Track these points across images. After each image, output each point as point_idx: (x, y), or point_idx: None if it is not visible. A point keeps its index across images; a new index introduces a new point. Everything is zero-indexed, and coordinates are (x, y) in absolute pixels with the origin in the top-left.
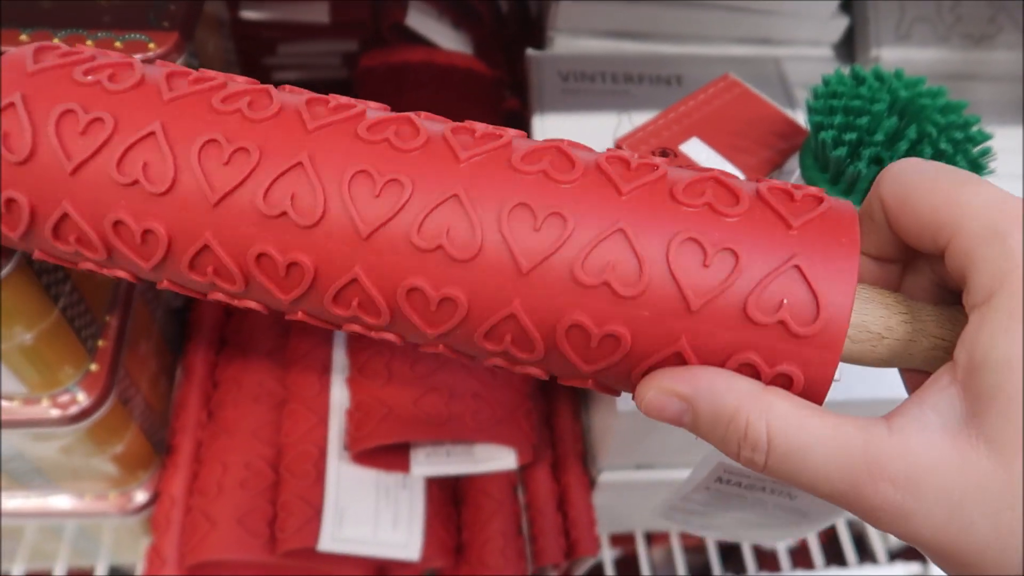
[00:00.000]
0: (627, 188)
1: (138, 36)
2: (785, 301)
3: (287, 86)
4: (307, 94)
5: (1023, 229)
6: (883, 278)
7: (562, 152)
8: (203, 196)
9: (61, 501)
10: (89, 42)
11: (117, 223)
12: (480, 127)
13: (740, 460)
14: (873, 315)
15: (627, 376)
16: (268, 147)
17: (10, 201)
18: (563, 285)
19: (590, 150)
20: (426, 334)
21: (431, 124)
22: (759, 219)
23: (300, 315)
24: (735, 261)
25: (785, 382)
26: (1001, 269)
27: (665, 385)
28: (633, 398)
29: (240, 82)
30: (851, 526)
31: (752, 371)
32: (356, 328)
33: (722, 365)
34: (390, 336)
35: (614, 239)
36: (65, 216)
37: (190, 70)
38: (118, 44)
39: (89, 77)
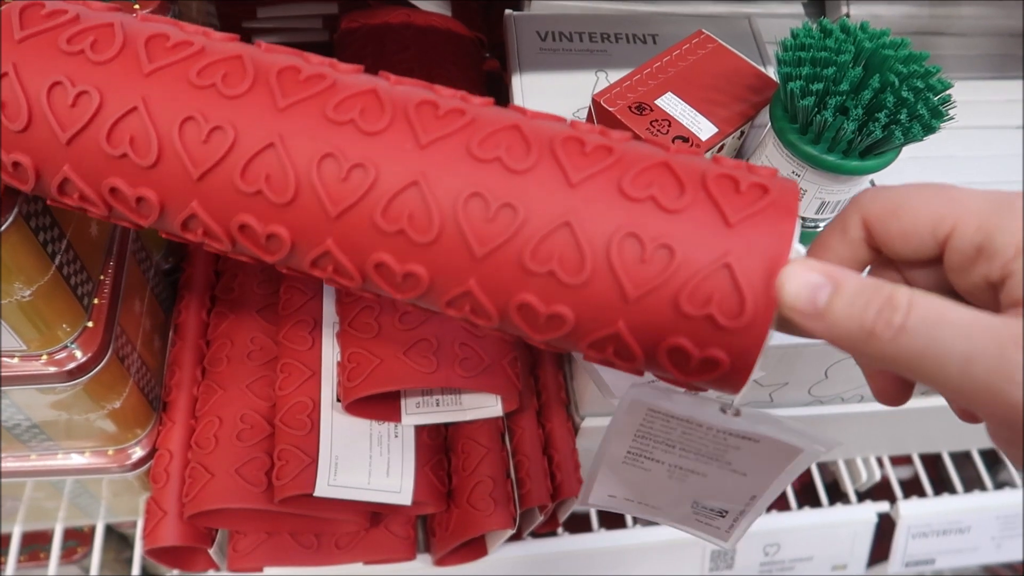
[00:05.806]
0: (577, 178)
1: None
2: (714, 297)
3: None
4: (283, 61)
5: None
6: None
7: (520, 134)
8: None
9: (61, 459)
10: None
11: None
12: (444, 103)
13: (875, 323)
14: None
15: (575, 346)
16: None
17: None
18: (513, 270)
19: (553, 120)
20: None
21: (397, 95)
22: (699, 214)
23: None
24: (670, 257)
25: (711, 365)
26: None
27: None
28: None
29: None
30: (822, 469)
31: (682, 353)
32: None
33: (656, 346)
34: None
35: (561, 232)
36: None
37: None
38: None
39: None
